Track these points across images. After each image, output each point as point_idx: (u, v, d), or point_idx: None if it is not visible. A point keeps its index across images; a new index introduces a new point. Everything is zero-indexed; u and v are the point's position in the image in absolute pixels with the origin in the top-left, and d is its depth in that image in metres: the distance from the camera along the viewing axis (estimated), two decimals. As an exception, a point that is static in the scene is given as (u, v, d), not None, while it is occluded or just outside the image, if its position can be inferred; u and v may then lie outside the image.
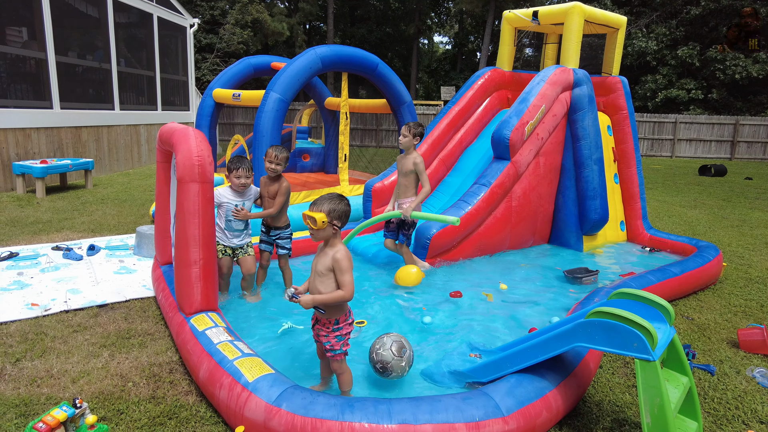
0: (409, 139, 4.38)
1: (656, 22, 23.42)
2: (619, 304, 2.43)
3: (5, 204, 7.05)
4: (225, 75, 8.10)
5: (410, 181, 4.42)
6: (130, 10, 11.22)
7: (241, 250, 3.83)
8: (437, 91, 33.38)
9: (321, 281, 2.45)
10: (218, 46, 21.72)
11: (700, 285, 4.56)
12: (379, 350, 2.65)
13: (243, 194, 3.79)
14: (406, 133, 4.39)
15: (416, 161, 4.33)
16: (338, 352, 2.52)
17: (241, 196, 3.78)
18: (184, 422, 2.45)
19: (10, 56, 8.14)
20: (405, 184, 4.45)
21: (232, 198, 3.75)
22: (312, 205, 2.43)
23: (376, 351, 2.66)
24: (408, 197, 4.42)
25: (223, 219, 3.78)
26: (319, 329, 2.54)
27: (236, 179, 3.70)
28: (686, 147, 20.73)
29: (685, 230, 7.14)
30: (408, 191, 4.44)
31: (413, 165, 4.34)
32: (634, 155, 5.98)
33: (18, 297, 3.83)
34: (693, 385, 2.42)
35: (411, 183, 4.43)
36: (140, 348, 3.15)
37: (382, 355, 2.63)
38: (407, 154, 4.43)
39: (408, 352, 2.69)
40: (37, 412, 2.46)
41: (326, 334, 2.51)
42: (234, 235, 3.79)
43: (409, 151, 4.41)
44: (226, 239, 3.78)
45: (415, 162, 4.33)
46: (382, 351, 2.64)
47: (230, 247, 3.80)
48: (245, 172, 3.70)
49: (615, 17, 5.88)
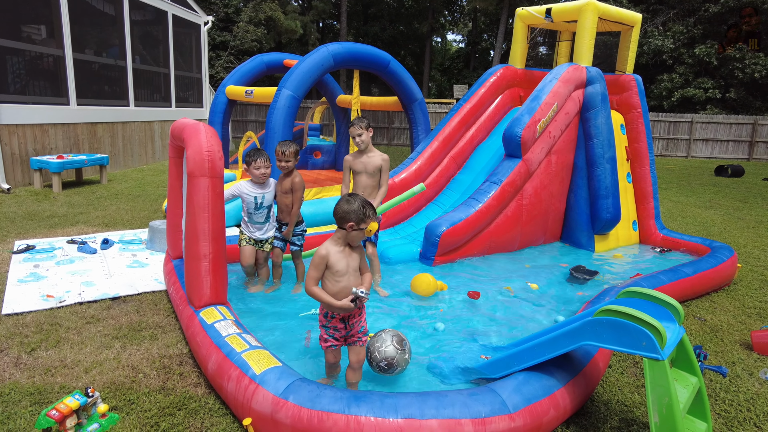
0: (367, 135, 3.98)
1: (673, 20, 23.06)
2: (628, 302, 2.41)
3: (23, 198, 7.19)
4: (238, 72, 8.16)
5: (376, 180, 4.06)
6: (146, 7, 11.34)
7: (267, 244, 3.97)
8: (450, 89, 33.26)
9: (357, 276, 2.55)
10: (232, 44, 21.85)
11: (714, 286, 4.50)
12: (381, 348, 2.60)
13: (263, 186, 3.85)
14: (362, 130, 3.96)
15: (385, 158, 4.01)
16: (368, 333, 2.67)
17: (262, 188, 3.84)
18: (192, 413, 2.48)
19: (30, 54, 8.29)
20: (372, 184, 4.04)
21: (252, 190, 3.82)
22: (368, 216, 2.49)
23: (377, 349, 2.61)
24: (373, 198, 4.06)
25: (247, 212, 3.88)
26: (354, 320, 2.58)
27: (256, 170, 3.76)
28: (702, 147, 20.40)
29: (700, 231, 7.04)
30: (372, 192, 4.06)
31: (383, 162, 4.00)
32: (648, 154, 5.91)
33: (34, 288, 3.91)
34: (703, 385, 2.39)
35: (376, 182, 4.06)
36: (151, 340, 3.19)
37: (386, 352, 2.60)
38: (368, 152, 4.03)
39: (407, 343, 2.70)
40: (50, 401, 2.51)
41: (358, 321, 2.60)
42: (256, 228, 3.90)
43: (369, 149, 4.04)
44: (249, 231, 3.91)
45: (384, 159, 4.00)
46: (384, 348, 2.60)
47: (254, 238, 3.92)
48: (264, 162, 3.75)
49: (629, 14, 5.81)
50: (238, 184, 3.84)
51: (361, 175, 4.02)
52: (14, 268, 4.33)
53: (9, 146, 7.72)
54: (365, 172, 4.01)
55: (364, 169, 4.00)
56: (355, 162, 4.05)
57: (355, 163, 4.05)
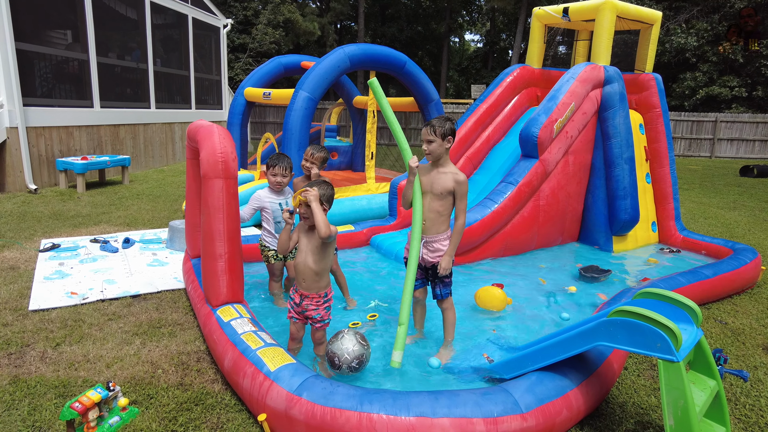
0: (438, 144, 2.90)
1: (697, 17, 22.58)
2: (643, 303, 2.39)
3: (49, 198, 7.40)
4: (256, 74, 8.27)
5: (446, 206, 2.97)
6: (167, 11, 11.57)
7: (290, 254, 3.71)
8: (468, 89, 33.11)
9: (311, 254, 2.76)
10: (251, 46, 22.13)
11: (736, 288, 4.40)
12: (349, 349, 2.63)
13: (282, 193, 3.71)
14: (434, 137, 2.89)
15: (459, 179, 2.91)
16: (326, 322, 2.85)
17: (281, 195, 3.70)
18: (209, 409, 2.54)
19: (56, 58, 8.53)
20: (438, 210, 2.97)
21: (274, 198, 3.67)
22: (302, 191, 2.67)
23: (346, 351, 2.62)
24: (442, 233, 3.01)
25: (271, 222, 3.66)
26: (308, 304, 2.80)
27: (272, 177, 3.61)
28: (727, 147, 19.92)
29: (723, 232, 6.88)
30: (441, 224, 2.99)
31: (455, 184, 2.91)
32: (668, 154, 5.81)
33: (59, 286, 4.03)
34: (721, 388, 2.35)
35: (447, 210, 2.99)
36: (170, 337, 3.27)
37: (355, 352, 2.64)
38: (438, 165, 2.97)
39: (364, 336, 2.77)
40: (74, 394, 2.60)
41: (315, 307, 2.80)
42: None
43: (441, 162, 2.97)
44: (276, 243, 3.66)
45: (457, 180, 2.91)
46: (352, 348, 2.64)
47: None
48: (281, 170, 3.59)
49: (649, 12, 5.72)
50: (257, 195, 3.68)
51: (426, 195, 2.99)
52: (40, 266, 4.47)
53: (36, 148, 7.96)
54: (431, 192, 2.98)
55: (430, 188, 2.98)
56: (422, 171, 3.03)
57: (422, 171, 3.03)
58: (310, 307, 2.80)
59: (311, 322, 2.85)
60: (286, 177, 3.65)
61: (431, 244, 3.01)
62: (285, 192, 3.75)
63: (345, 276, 3.80)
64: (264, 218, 3.72)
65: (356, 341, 2.68)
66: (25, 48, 7.66)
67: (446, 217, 3.00)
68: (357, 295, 3.91)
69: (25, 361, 2.90)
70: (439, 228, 3.00)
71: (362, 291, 4.02)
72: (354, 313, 3.63)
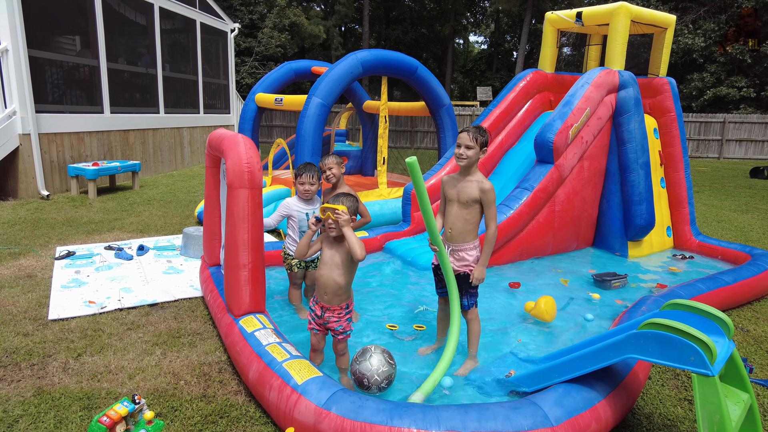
0: (475, 152, 2.91)
1: (704, 18, 22.48)
2: (673, 315, 2.36)
3: (62, 204, 7.43)
4: (267, 80, 8.29)
5: (473, 215, 2.96)
6: (175, 16, 11.61)
7: (312, 264, 3.72)
8: (473, 91, 33.06)
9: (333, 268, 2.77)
10: (257, 50, 22.20)
11: (756, 295, 4.36)
12: (379, 370, 2.58)
13: (311, 202, 3.66)
14: (471, 143, 2.89)
15: (484, 188, 2.89)
16: (348, 333, 2.84)
17: (310, 204, 3.65)
18: (234, 421, 2.53)
19: (67, 64, 8.57)
20: (465, 218, 2.95)
21: (302, 207, 3.63)
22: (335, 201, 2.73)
23: (376, 372, 2.58)
24: (468, 242, 2.98)
25: (296, 230, 3.64)
26: (330, 317, 2.79)
27: (300, 185, 3.57)
28: (735, 148, 19.81)
29: (737, 236, 6.83)
30: (468, 233, 2.97)
31: (480, 193, 2.90)
32: (682, 159, 5.78)
33: (77, 294, 4.04)
34: (754, 401, 2.32)
35: (474, 219, 2.97)
36: (190, 347, 3.26)
37: (384, 372, 2.60)
38: (467, 174, 2.97)
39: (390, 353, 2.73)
40: (98, 406, 2.59)
41: (337, 319, 2.79)
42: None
43: (470, 171, 2.97)
44: None
45: (483, 189, 2.90)
46: (381, 368, 2.59)
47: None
48: (309, 178, 3.55)
49: (663, 16, 5.69)
50: (285, 203, 3.67)
51: (452, 204, 3.00)
52: (57, 274, 4.48)
53: (48, 154, 7.99)
54: (457, 200, 2.98)
55: (456, 196, 2.98)
56: (448, 184, 3.05)
57: (448, 185, 3.05)
58: (332, 320, 2.79)
59: (333, 333, 2.84)
60: (314, 185, 3.60)
61: (457, 253, 3.00)
62: (314, 201, 3.70)
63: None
64: (290, 226, 3.71)
65: (384, 360, 2.63)
66: (37, 55, 7.70)
67: (474, 226, 2.99)
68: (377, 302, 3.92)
69: (47, 372, 2.90)
70: (465, 237, 2.97)
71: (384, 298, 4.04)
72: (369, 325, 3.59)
